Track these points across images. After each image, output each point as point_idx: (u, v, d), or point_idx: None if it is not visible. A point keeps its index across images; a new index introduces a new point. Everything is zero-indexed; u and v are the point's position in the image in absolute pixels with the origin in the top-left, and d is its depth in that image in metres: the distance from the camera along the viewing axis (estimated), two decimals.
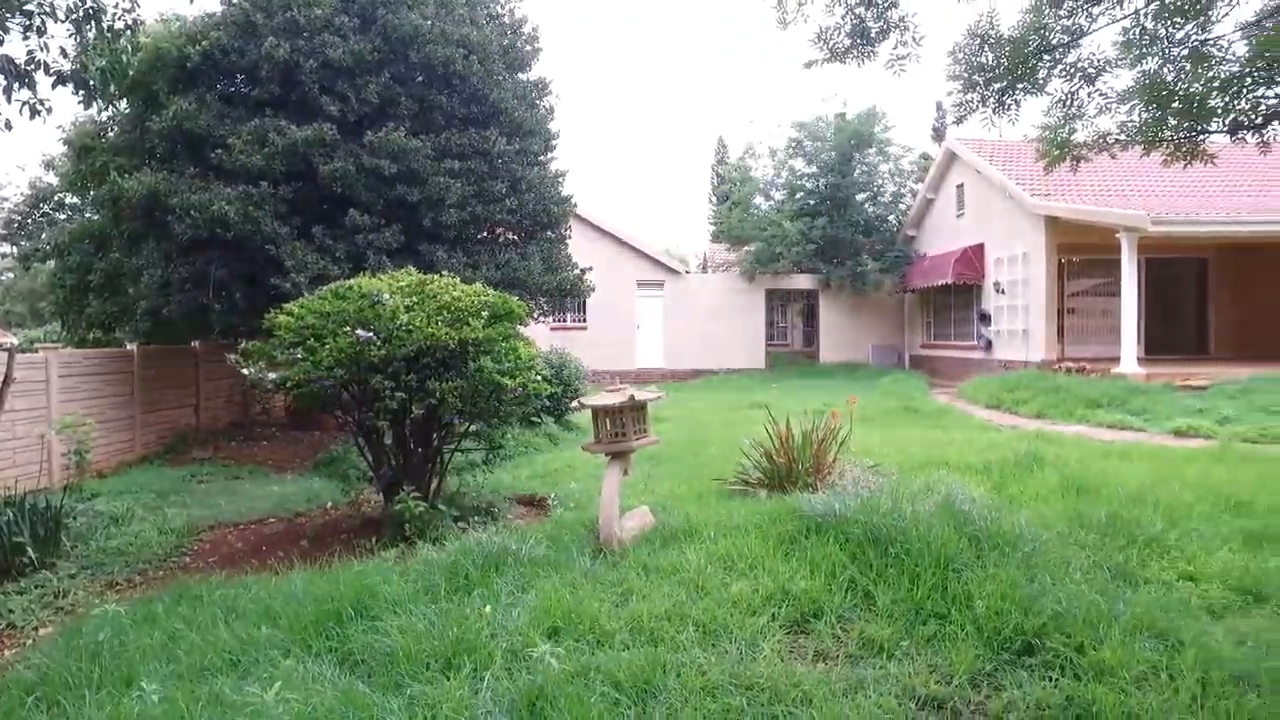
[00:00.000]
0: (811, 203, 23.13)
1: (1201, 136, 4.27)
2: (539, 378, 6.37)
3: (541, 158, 12.28)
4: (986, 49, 4.17)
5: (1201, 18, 3.96)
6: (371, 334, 5.57)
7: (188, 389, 12.24)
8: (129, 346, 11.87)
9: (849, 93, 48.29)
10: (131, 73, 6.73)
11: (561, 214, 12.38)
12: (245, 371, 6.05)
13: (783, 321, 31.82)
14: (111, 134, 12.44)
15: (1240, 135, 4.05)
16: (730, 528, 4.97)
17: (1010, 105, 4.25)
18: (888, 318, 23.82)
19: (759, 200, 24.37)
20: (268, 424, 13.51)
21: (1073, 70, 4.24)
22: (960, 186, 20.33)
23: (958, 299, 20.37)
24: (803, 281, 23.43)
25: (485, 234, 11.78)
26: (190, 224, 9.99)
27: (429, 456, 6.49)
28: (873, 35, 4.00)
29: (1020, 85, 4.18)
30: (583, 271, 13.12)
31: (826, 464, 6.53)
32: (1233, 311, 18.51)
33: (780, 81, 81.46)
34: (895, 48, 4.09)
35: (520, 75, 12.06)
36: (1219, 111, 4.01)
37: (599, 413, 5.25)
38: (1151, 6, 3.95)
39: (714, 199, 57.62)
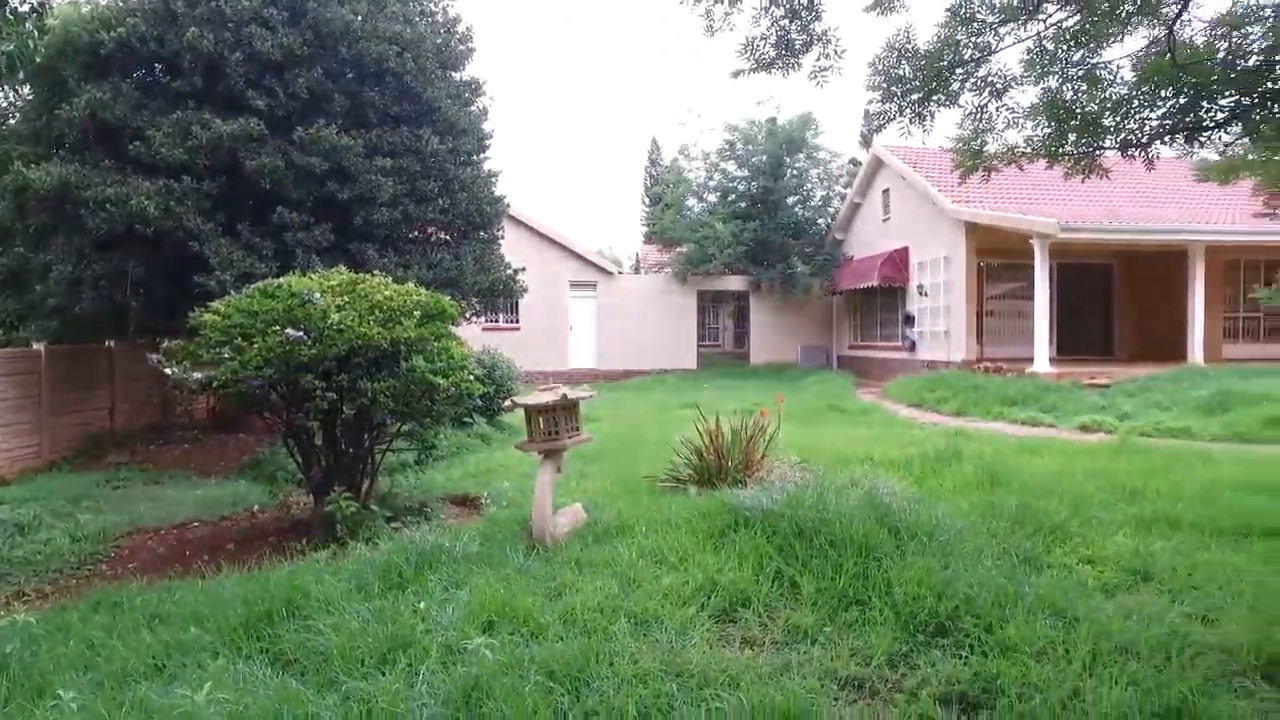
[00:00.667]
0: (743, 205, 23.54)
1: (1098, 152, 4.58)
2: (471, 377, 6.38)
3: (475, 157, 12.20)
4: (904, 62, 4.40)
5: (1093, 44, 4.25)
6: (302, 333, 5.50)
7: (102, 391, 11.75)
8: (35, 346, 11.33)
9: (782, 97, 49.34)
10: (39, 59, 6.46)
11: (494, 214, 12.34)
12: (169, 371, 5.89)
13: (714, 323, 32.28)
14: (13, 121, 11.84)
15: (1130, 152, 4.37)
16: (662, 523, 5.09)
17: (926, 115, 4.49)
18: (816, 319, 24.41)
19: (692, 202, 24.68)
20: (189, 427, 13.06)
21: (983, 84, 4.50)
22: (886, 192, 20.99)
23: (884, 301, 21.02)
24: (734, 283, 23.83)
25: (417, 233, 11.65)
26: (106, 219, 9.59)
27: (360, 457, 6.43)
28: (797, 47, 4.18)
29: (935, 97, 4.42)
30: (515, 272, 13.10)
31: (755, 460, 6.72)
32: (1134, 315, 19.63)
33: (715, 82, 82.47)
34: (818, 59, 4.29)
35: (454, 74, 11.97)
36: (1111, 130, 4.32)
37: (532, 411, 5.30)
38: (1050, 30, 4.23)
39: (646, 200, 58.04)
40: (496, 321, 21.19)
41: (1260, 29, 4.38)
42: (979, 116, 4.59)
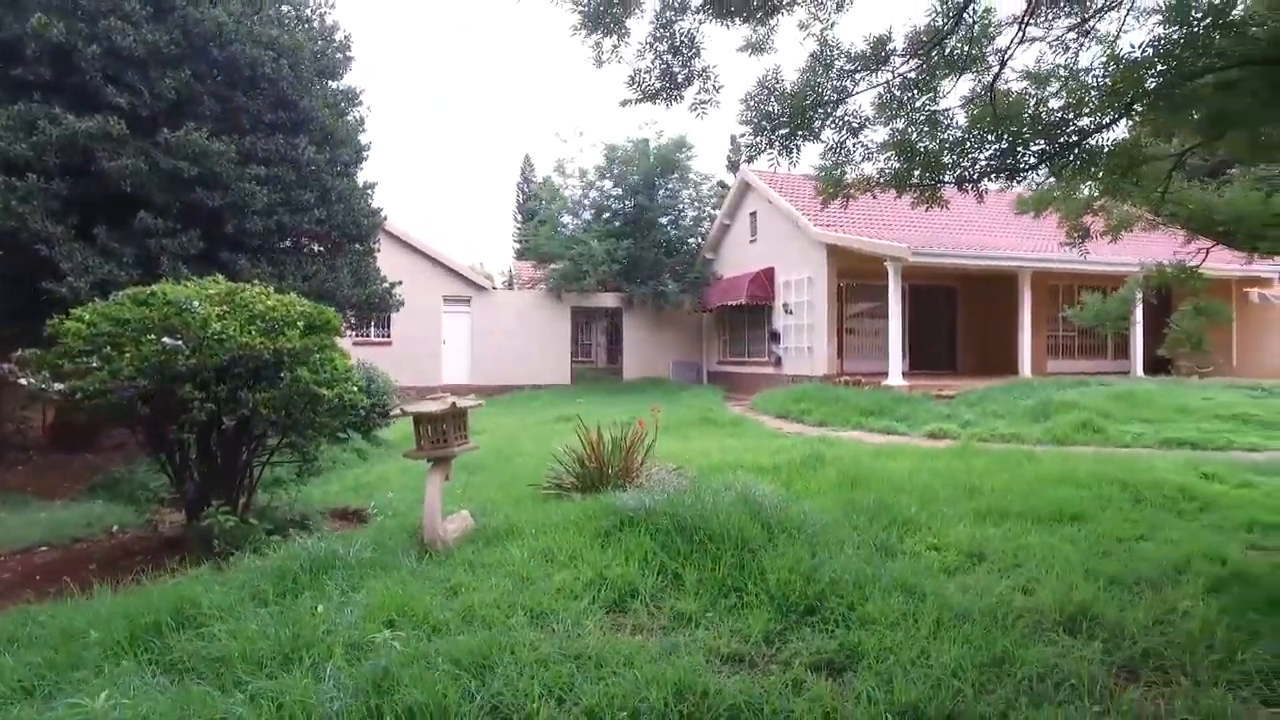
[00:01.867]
0: (618, 224, 24.09)
1: (939, 185, 5.22)
2: (354, 389, 6.39)
3: (352, 169, 12.01)
4: (773, 99, 4.87)
5: (932, 91, 4.88)
6: (180, 342, 5.37)
7: None
8: None
9: (657, 119, 50.51)
10: None
11: (371, 226, 12.16)
12: (24, 382, 5.58)
13: (587, 339, 32.65)
14: None
15: (965, 186, 5.02)
16: (549, 525, 5.31)
17: (793, 149, 4.98)
18: (688, 336, 25.22)
19: (567, 219, 24.99)
20: (24, 446, 12.01)
21: (841, 123, 5.05)
22: (754, 214, 22.07)
23: (751, 318, 22.02)
24: (608, 300, 24.28)
25: (291, 243, 11.32)
26: None
27: (238, 470, 6.28)
28: (679, 81, 4.57)
29: (800, 132, 4.92)
30: (392, 285, 12.93)
31: (634, 467, 7.05)
32: (974, 333, 21.50)
33: (591, 100, 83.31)
34: (698, 93, 4.69)
35: (331, 83, 11.75)
36: (949, 167, 4.95)
37: (421, 419, 5.41)
38: (897, 79, 4.82)
39: (519, 215, 58.03)
40: (368, 335, 20.66)
41: (1057, 86, 5.16)
42: (839, 151, 5.14)
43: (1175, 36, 4.03)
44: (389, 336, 21.57)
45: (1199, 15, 3.90)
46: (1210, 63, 4.11)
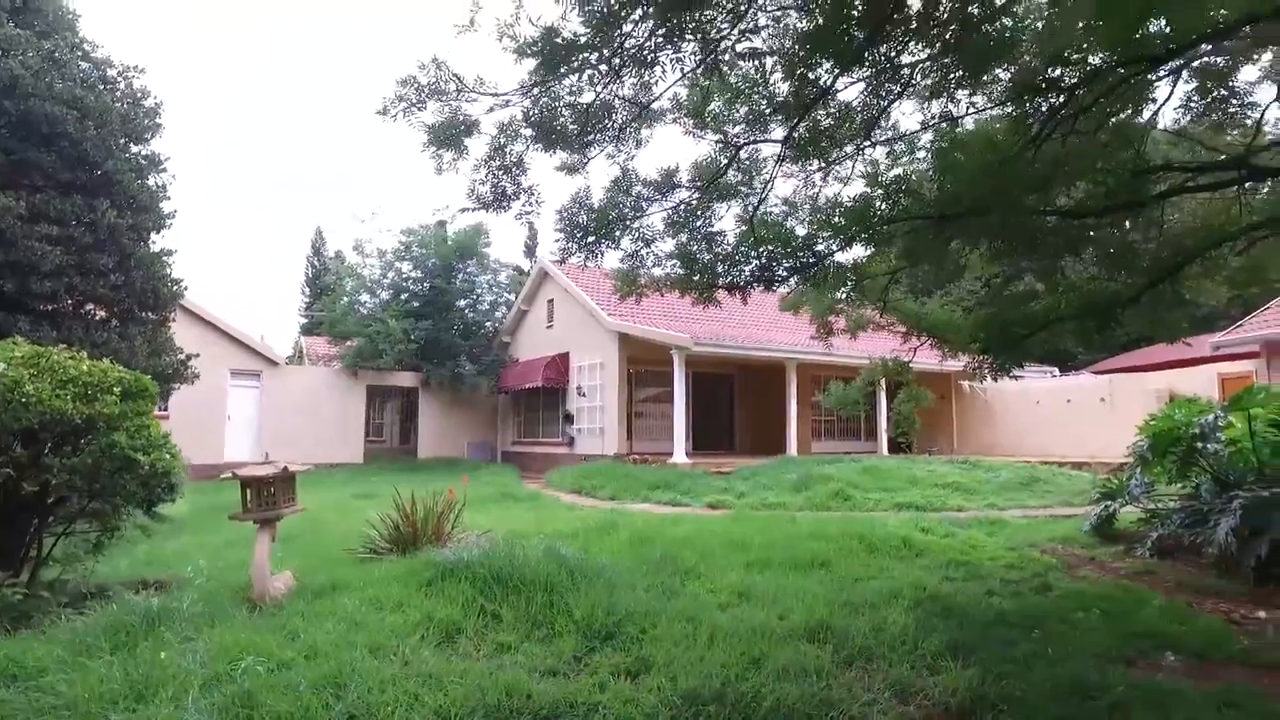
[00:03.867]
0: (416, 304, 24.29)
1: (714, 289, 6.45)
2: (168, 455, 6.44)
3: (153, 235, 11.65)
4: (583, 212, 5.90)
5: (710, 213, 6.16)
6: None
7: None
8: None
9: (450, 204, 51.58)
10: None
11: (171, 296, 11.77)
12: None
13: (379, 418, 31.88)
14: None
15: (733, 291, 6.29)
16: (373, 580, 5.73)
17: (598, 254, 6.01)
18: (483, 416, 25.60)
19: (365, 297, 24.83)
20: None
21: (638, 235, 6.17)
22: (551, 302, 23.27)
23: (546, 400, 22.92)
24: (404, 379, 24.22)
25: (79, 308, 10.71)
26: None
27: (27, 540, 6.05)
28: (509, 195, 5.46)
29: (604, 241, 5.97)
30: (188, 357, 12.47)
31: (445, 531, 7.55)
32: (749, 416, 23.79)
33: (389, 180, 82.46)
34: (524, 205, 5.60)
35: (136, 147, 11.46)
36: (722, 274, 6.20)
37: (250, 482, 5.70)
38: (680, 204, 6.05)
39: (308, 289, 55.80)
40: None
41: (805, 215, 6.64)
42: (635, 257, 6.25)
43: (875, 193, 5.54)
44: (165, 409, 20.07)
45: (887, 183, 5.43)
46: (901, 213, 5.66)
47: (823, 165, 6.73)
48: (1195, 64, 6.36)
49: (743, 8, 4.56)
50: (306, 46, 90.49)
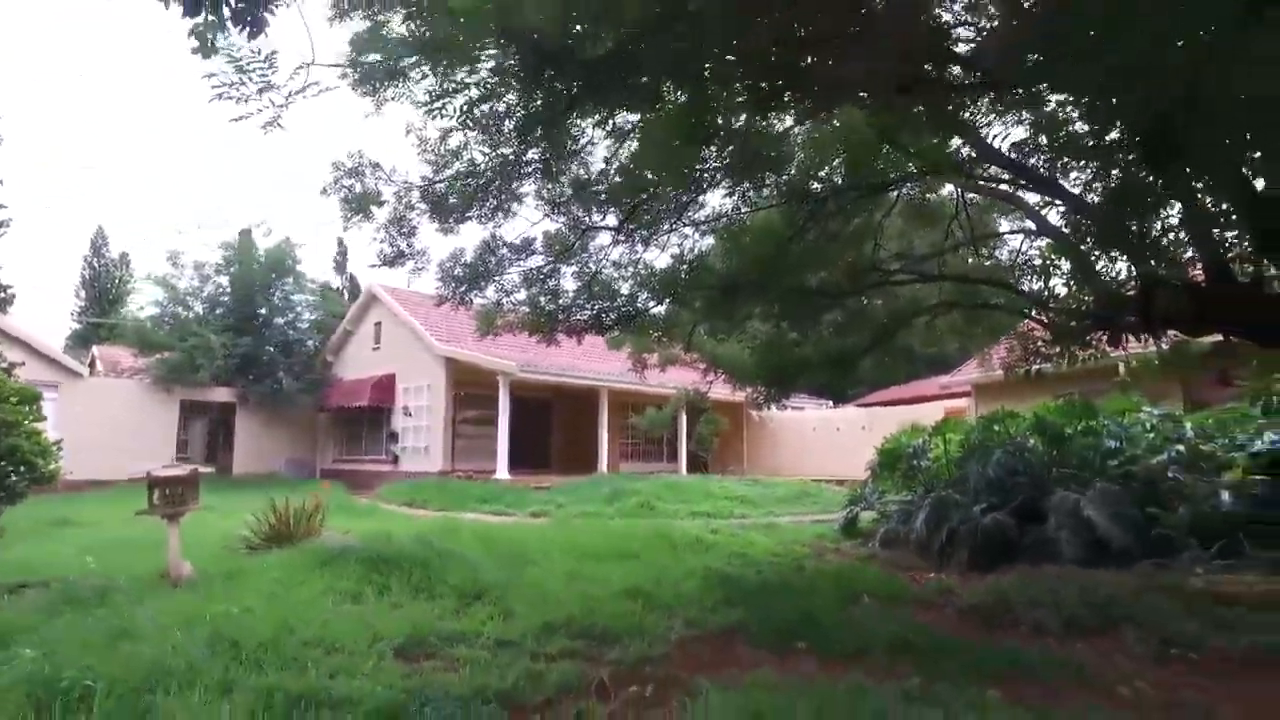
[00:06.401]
0: (233, 320, 23.95)
1: (556, 332, 8.16)
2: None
3: None
4: (458, 266, 7.41)
5: (558, 272, 7.90)
6: None
7: None
8: None
9: (267, 220, 50.21)
10: None
11: None
12: None
13: (184, 434, 30.43)
14: None
15: (572, 335, 8.03)
16: (270, 566, 6.85)
17: (469, 299, 7.54)
18: (302, 434, 25.51)
19: (178, 310, 24.07)
20: None
21: (500, 287, 7.77)
22: (379, 324, 23.90)
23: (370, 419, 23.44)
24: (221, 394, 23.75)
25: None
26: None
27: None
28: (405, 255, 6.87)
29: (475, 289, 7.51)
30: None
31: (315, 529, 8.66)
32: (565, 437, 25.55)
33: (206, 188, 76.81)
34: (416, 263, 7.05)
35: None
36: (563, 320, 7.93)
37: (161, 482, 6.65)
38: (531, 270, 7.75)
39: (84, 291, 51.24)
40: None
41: (630, 274, 8.51)
42: (498, 304, 7.85)
43: (680, 267, 7.52)
44: None
45: (689, 259, 7.43)
46: (698, 283, 7.67)
47: (644, 239, 8.68)
48: (907, 189, 8.95)
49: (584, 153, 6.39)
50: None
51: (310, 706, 3.79)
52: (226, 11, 3.40)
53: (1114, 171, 5.88)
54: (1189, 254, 6.74)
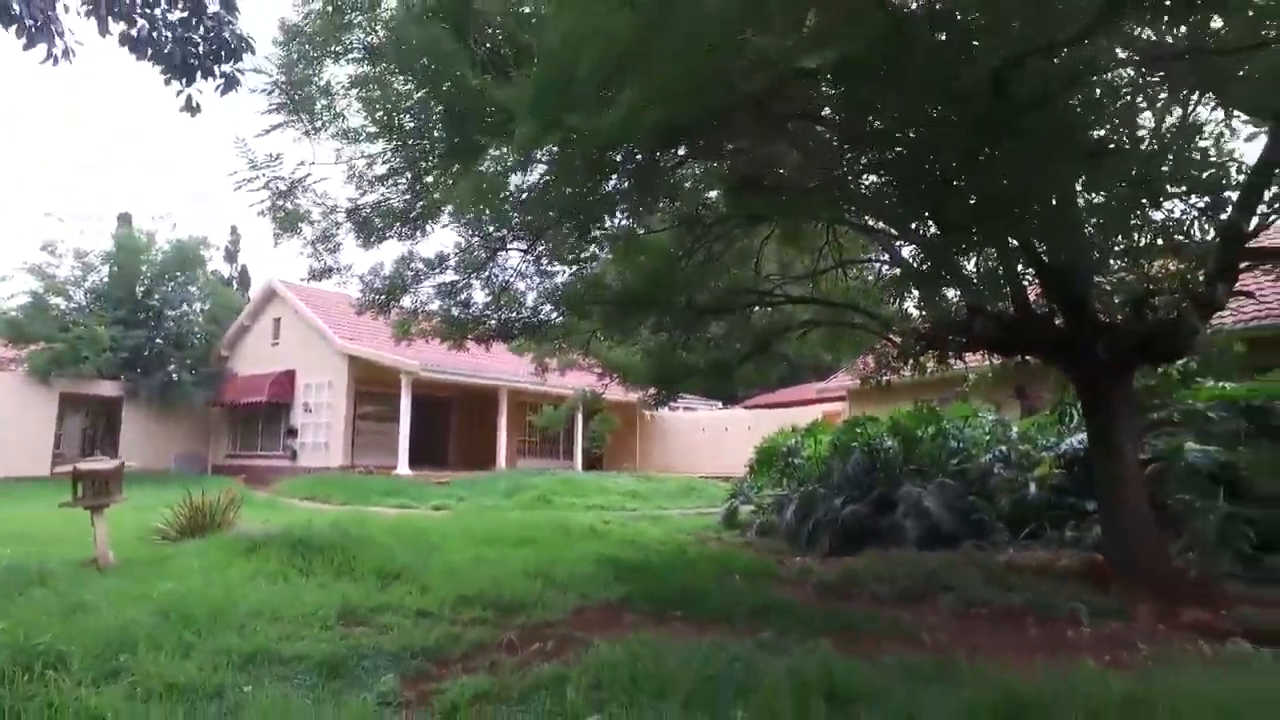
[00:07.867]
0: (122, 312, 23.28)
1: (465, 339, 8.95)
2: None
3: None
4: (378, 278, 8.13)
5: (469, 285, 8.70)
6: None
7: None
8: None
9: (172, 213, 48.21)
10: None
11: None
12: None
13: (59, 429, 29.11)
14: None
15: (480, 342, 8.84)
16: (193, 553, 7.38)
17: (389, 308, 8.26)
18: (193, 429, 25.02)
19: (58, 300, 23.17)
20: None
21: (415, 298, 8.51)
22: (278, 320, 23.77)
23: (268, 415, 23.31)
24: (107, 388, 23.07)
25: None
26: None
27: None
28: (330, 269, 7.54)
29: (393, 299, 8.23)
30: None
31: (230, 520, 9.15)
32: (464, 435, 26.06)
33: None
34: (342, 275, 7.71)
35: None
36: (473, 328, 8.74)
37: (85, 475, 7.09)
38: (444, 285, 8.54)
39: None
40: None
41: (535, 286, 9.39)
42: (415, 312, 8.59)
43: (579, 285, 8.47)
44: None
45: (588, 278, 8.40)
46: (595, 298, 8.63)
47: (550, 256, 9.58)
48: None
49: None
50: None
51: (264, 662, 4.55)
52: (212, 82, 4.16)
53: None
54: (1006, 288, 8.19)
